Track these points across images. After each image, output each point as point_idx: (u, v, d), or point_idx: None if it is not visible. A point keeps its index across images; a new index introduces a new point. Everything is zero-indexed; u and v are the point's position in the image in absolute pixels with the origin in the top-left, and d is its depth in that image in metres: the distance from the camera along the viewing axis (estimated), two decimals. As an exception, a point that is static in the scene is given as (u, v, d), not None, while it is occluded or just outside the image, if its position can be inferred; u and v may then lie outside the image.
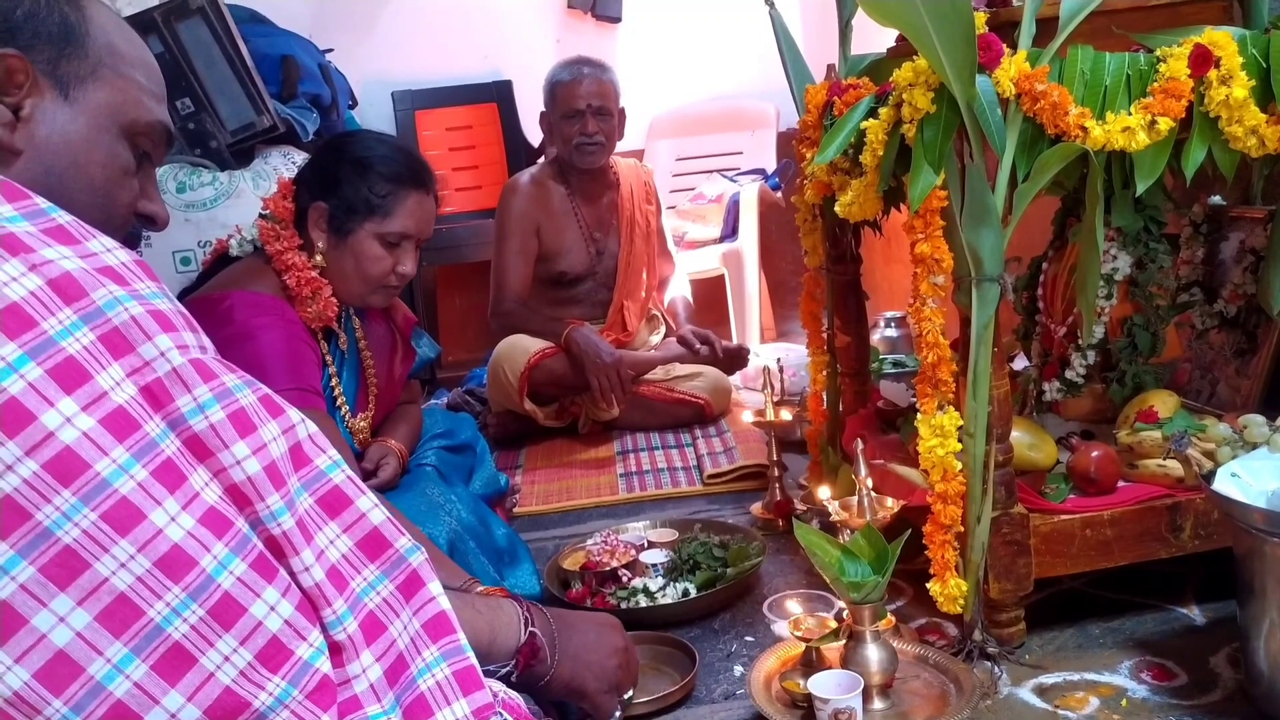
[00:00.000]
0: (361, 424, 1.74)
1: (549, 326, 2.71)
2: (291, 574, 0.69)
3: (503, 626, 1.03)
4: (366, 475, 1.70)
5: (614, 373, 2.60)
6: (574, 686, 1.10)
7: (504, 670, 1.02)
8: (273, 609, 0.66)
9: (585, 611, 1.22)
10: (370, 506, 0.76)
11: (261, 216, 1.64)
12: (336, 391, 1.69)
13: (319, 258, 1.59)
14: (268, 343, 1.49)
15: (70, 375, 0.62)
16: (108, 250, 0.69)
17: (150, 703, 0.61)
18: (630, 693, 1.19)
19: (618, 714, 1.16)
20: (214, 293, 1.57)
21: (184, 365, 0.67)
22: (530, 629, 1.05)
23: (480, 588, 1.26)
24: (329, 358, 1.67)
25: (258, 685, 0.65)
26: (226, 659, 0.64)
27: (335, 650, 0.70)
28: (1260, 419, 1.41)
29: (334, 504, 0.74)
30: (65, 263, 0.65)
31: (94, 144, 0.81)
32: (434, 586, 0.78)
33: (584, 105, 2.73)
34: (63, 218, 0.69)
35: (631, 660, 1.19)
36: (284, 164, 2.55)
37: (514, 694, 0.82)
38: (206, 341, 0.72)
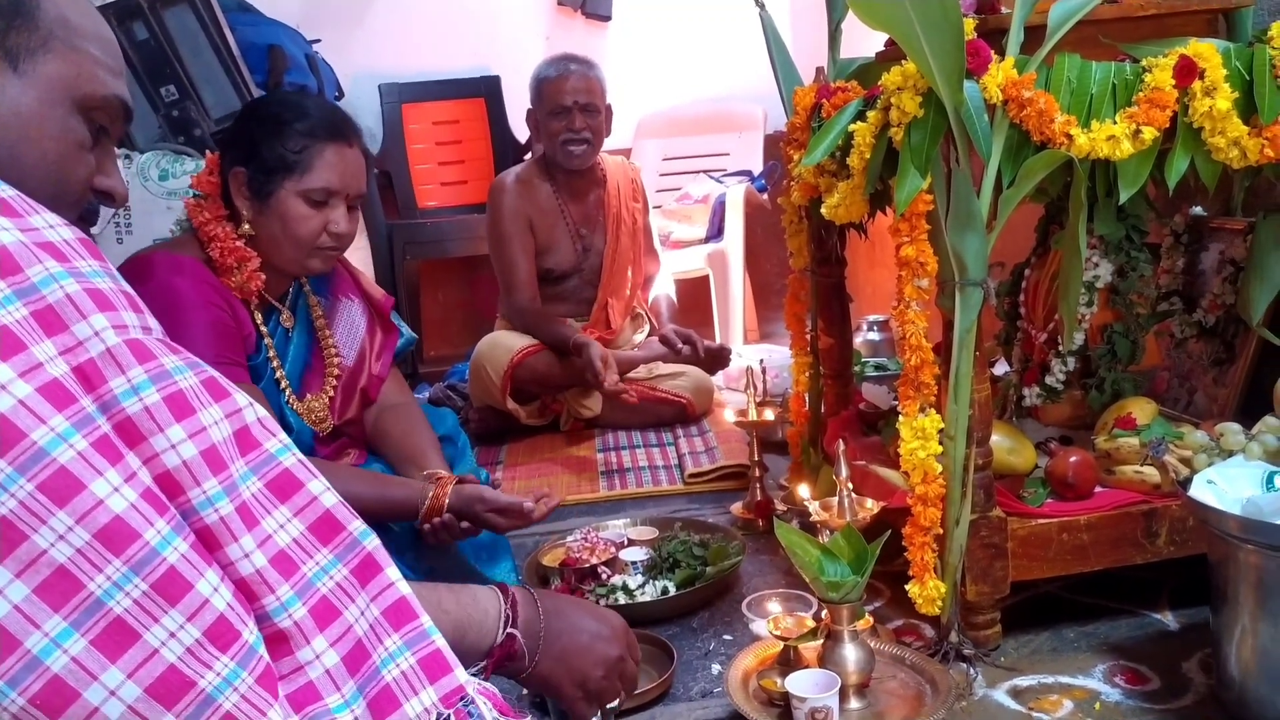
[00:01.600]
0: (315, 405, 1.66)
1: (561, 333, 2.65)
2: (227, 564, 0.67)
3: (474, 626, 0.94)
4: (526, 515, 1.57)
5: (604, 361, 2.51)
6: (549, 686, 1.03)
7: (471, 672, 0.91)
8: (216, 590, 0.65)
9: (591, 606, 1.10)
10: (322, 490, 0.74)
11: (190, 195, 1.61)
12: (278, 371, 1.62)
13: (246, 226, 1.54)
14: (188, 309, 1.46)
15: (5, 343, 0.61)
16: (50, 226, 0.67)
17: (88, 678, 0.60)
18: (616, 702, 1.09)
19: (595, 718, 1.07)
20: (136, 255, 1.56)
21: (118, 346, 0.65)
22: (510, 630, 0.96)
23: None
24: (264, 329, 1.61)
25: (204, 664, 0.63)
26: (172, 635, 0.62)
27: (280, 639, 0.68)
28: (1237, 427, 1.43)
29: (284, 487, 0.72)
30: (3, 235, 0.63)
31: (46, 118, 0.80)
32: (391, 571, 0.75)
33: (570, 102, 2.72)
34: (5, 192, 0.67)
35: (625, 671, 1.07)
36: (269, 154, 2.53)
37: (489, 685, 0.81)
38: (152, 322, 0.70)
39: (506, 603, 0.98)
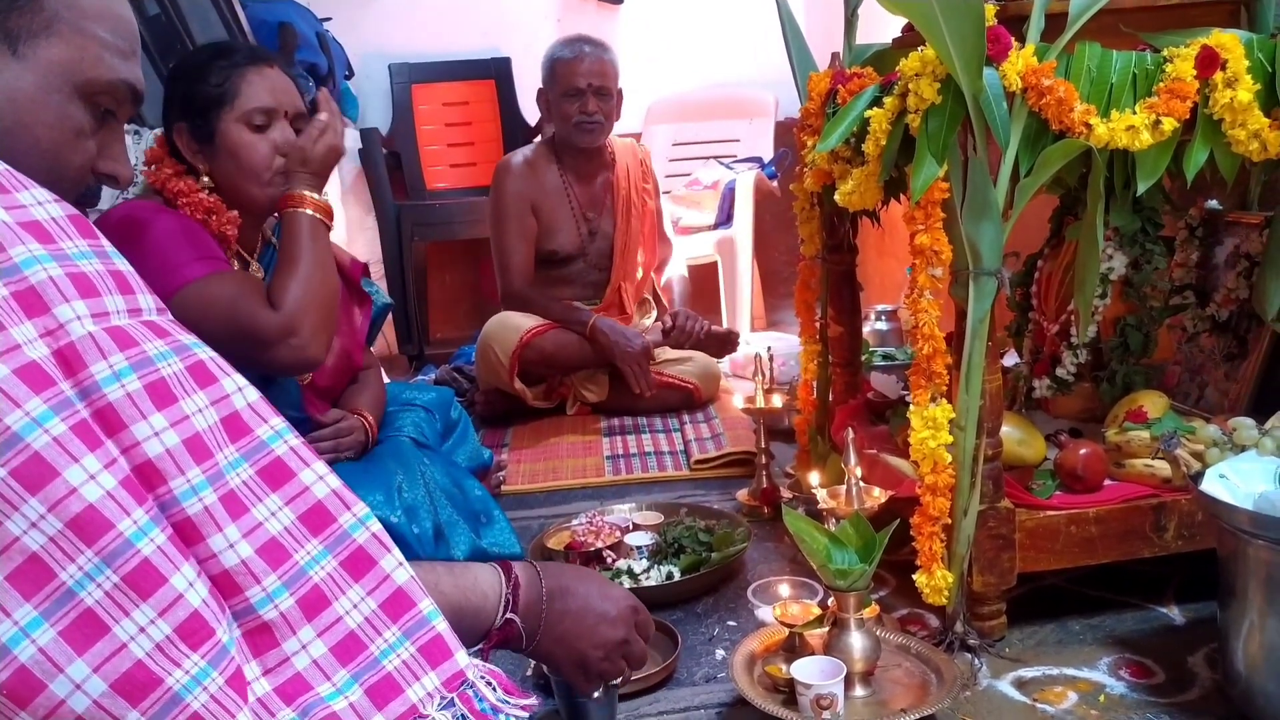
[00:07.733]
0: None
1: (571, 315, 2.71)
2: (208, 557, 0.65)
3: (472, 612, 0.93)
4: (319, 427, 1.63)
5: (645, 359, 2.65)
6: (549, 662, 1.04)
7: (469, 653, 0.91)
8: (191, 585, 0.63)
9: (601, 584, 1.06)
10: (314, 480, 0.73)
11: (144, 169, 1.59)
12: None
13: (205, 179, 1.55)
14: (161, 227, 1.45)
15: None
16: (39, 204, 0.66)
17: (55, 670, 0.59)
18: (619, 680, 1.08)
19: (596, 694, 1.08)
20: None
21: (99, 333, 0.64)
22: (509, 615, 0.94)
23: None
24: None
25: (173, 662, 0.62)
26: (142, 630, 0.61)
27: (264, 631, 0.67)
28: (1249, 422, 1.42)
29: (275, 475, 0.71)
30: None
31: (41, 104, 0.78)
32: (387, 562, 0.74)
33: (584, 84, 2.71)
34: None
35: (631, 652, 1.06)
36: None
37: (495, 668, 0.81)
38: (145, 302, 0.69)
39: (509, 585, 0.96)
